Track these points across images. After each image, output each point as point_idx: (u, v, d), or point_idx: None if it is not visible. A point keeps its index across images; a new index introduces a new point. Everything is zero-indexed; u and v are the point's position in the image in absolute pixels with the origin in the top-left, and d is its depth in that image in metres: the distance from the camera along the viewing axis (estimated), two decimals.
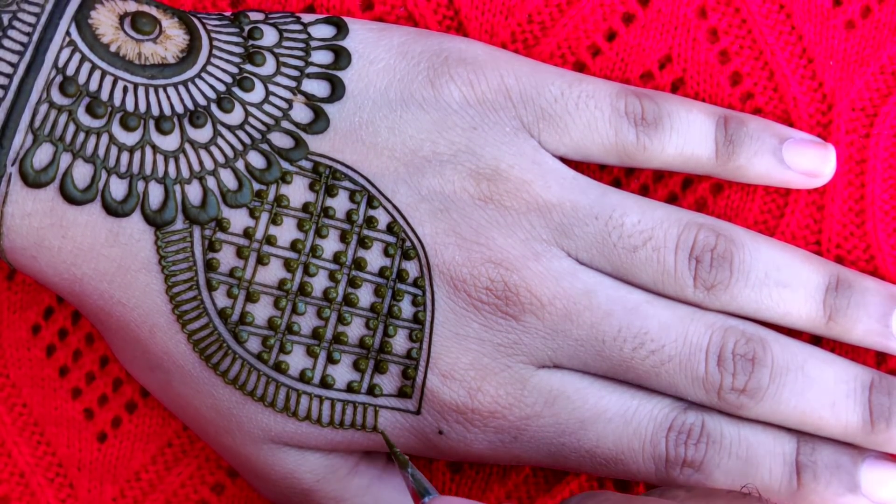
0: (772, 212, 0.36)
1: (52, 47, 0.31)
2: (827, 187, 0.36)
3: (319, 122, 0.33)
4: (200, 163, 0.32)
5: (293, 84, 0.33)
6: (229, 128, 0.32)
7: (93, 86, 0.31)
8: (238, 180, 0.32)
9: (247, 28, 0.33)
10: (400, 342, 0.33)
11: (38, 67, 0.30)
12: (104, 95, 0.31)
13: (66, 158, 0.31)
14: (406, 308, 0.33)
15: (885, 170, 0.36)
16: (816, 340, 0.36)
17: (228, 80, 0.32)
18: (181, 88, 0.32)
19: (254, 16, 0.34)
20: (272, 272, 0.32)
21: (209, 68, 0.32)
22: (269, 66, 0.33)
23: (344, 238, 0.32)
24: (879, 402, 0.34)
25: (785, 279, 0.34)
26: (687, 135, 0.35)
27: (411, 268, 0.33)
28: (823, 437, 0.34)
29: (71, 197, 0.31)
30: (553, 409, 0.33)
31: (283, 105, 0.33)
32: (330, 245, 0.32)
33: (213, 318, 0.32)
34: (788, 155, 0.35)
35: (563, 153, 0.34)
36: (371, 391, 0.33)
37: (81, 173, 0.31)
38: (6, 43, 0.30)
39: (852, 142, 0.36)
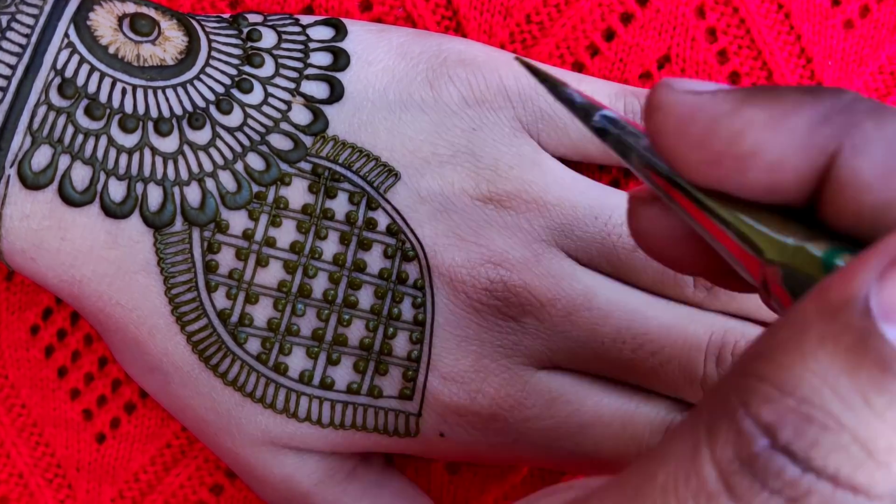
0: None
1: (51, 49, 0.31)
2: None
3: (318, 123, 0.32)
4: (199, 164, 0.31)
5: (292, 86, 0.33)
6: (228, 129, 0.32)
7: (91, 87, 0.31)
8: (237, 182, 0.32)
9: (245, 30, 0.33)
10: (400, 344, 0.33)
11: (36, 69, 0.30)
12: (103, 97, 0.31)
13: (64, 160, 0.30)
14: (406, 310, 0.33)
15: None
16: None
17: (227, 81, 0.32)
18: (180, 90, 0.32)
19: (252, 18, 0.34)
20: (271, 274, 0.32)
21: (208, 70, 0.32)
22: (267, 68, 0.33)
23: (343, 240, 0.32)
24: None
25: None
26: None
27: (411, 269, 0.33)
28: None
29: (69, 199, 0.30)
30: (551, 412, 0.33)
31: (282, 107, 0.32)
32: (329, 247, 0.32)
33: (213, 320, 0.32)
34: None
35: (563, 153, 0.34)
36: (371, 393, 0.33)
37: (80, 175, 0.31)
38: (5, 45, 0.30)
39: None
